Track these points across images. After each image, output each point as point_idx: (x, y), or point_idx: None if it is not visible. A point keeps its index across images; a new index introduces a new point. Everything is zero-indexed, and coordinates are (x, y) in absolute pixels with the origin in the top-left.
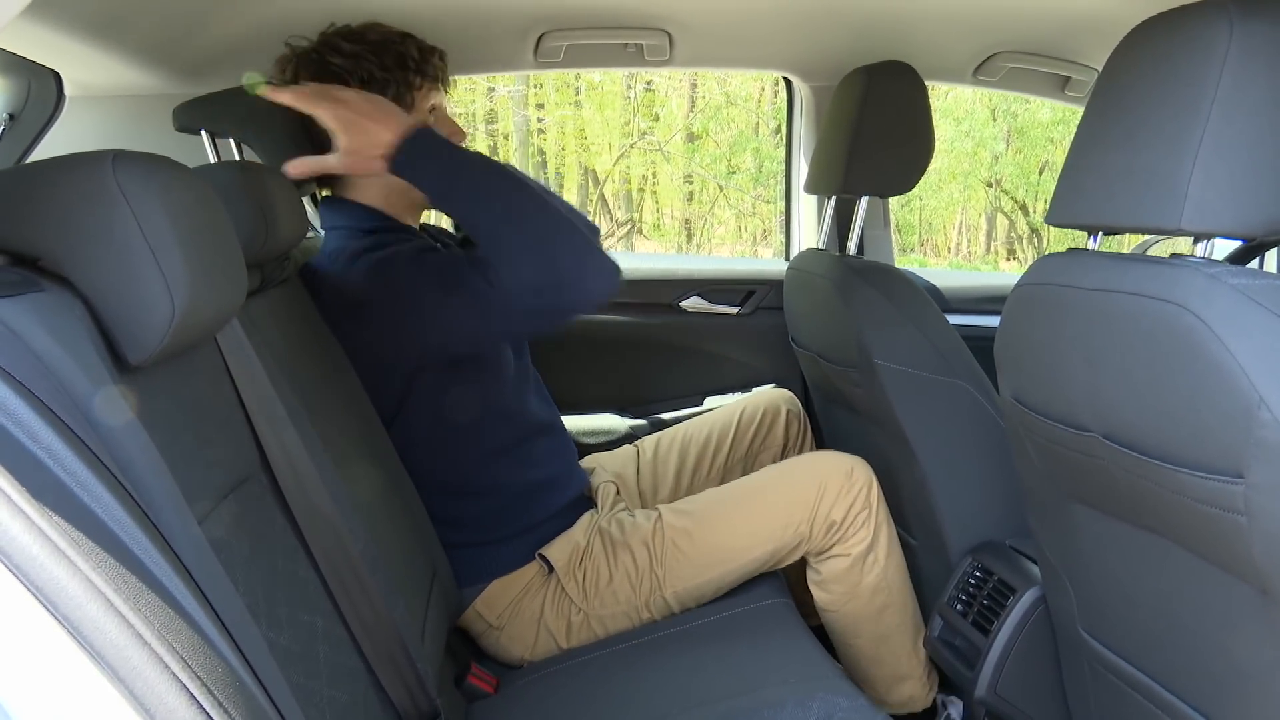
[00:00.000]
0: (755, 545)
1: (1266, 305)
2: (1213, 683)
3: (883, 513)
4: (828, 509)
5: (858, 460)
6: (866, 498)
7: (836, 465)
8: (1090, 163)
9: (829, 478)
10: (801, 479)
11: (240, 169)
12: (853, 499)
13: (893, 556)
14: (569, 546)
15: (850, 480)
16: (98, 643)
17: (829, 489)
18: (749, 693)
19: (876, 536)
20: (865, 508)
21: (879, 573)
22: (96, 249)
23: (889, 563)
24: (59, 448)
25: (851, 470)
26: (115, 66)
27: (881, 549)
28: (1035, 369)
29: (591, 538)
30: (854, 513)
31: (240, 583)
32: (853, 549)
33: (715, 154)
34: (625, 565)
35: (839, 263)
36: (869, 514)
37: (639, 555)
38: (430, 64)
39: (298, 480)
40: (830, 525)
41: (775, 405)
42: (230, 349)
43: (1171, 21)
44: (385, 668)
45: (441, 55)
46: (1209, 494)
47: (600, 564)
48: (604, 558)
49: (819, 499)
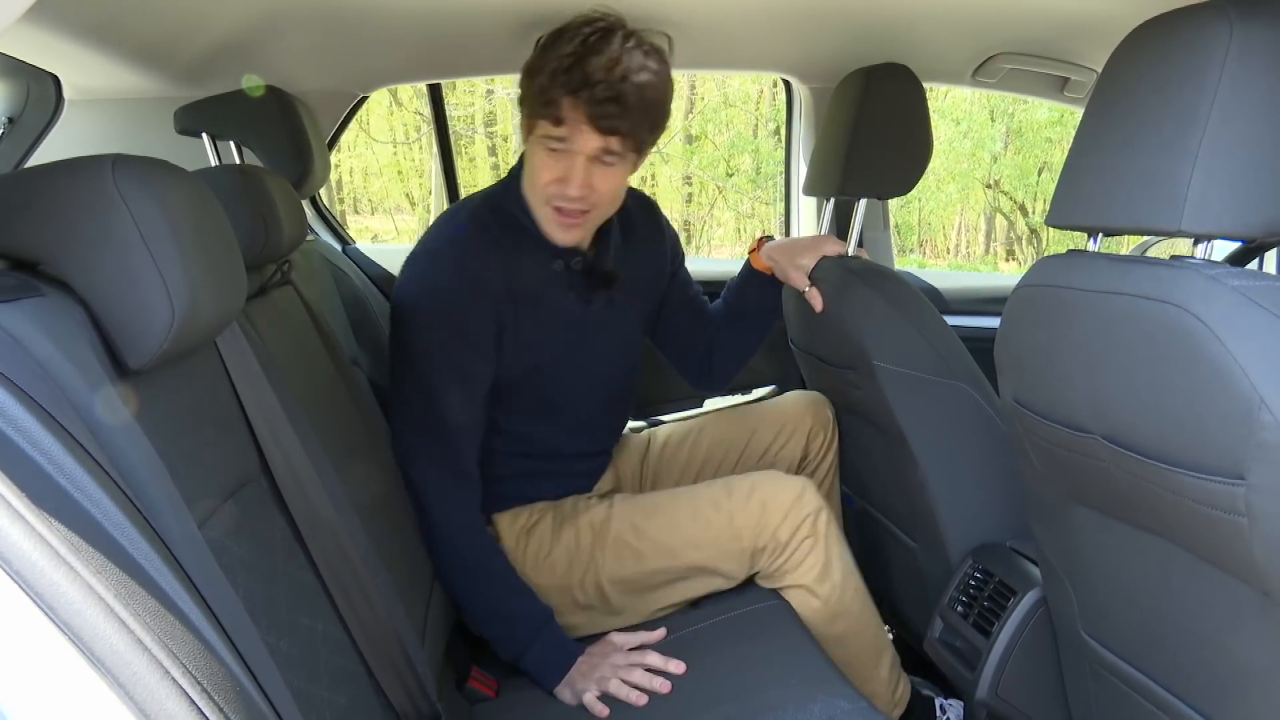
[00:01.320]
0: (694, 549)
1: (1267, 306)
2: (1214, 684)
3: (833, 537)
4: (773, 528)
5: (808, 485)
6: (814, 524)
7: (787, 486)
8: (1090, 164)
9: (776, 498)
10: (748, 494)
11: (240, 172)
12: (798, 523)
13: (849, 582)
14: (520, 516)
15: (799, 503)
16: (97, 648)
17: (775, 509)
18: (749, 696)
19: (829, 563)
20: (811, 534)
21: (836, 600)
22: (96, 253)
23: (845, 587)
24: (59, 453)
25: (801, 493)
26: (114, 69)
27: (836, 574)
28: (1036, 371)
29: (545, 511)
30: (799, 537)
31: (240, 586)
32: (805, 577)
33: (714, 156)
34: (567, 542)
35: (838, 265)
36: (815, 540)
37: (583, 536)
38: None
39: (297, 483)
40: (776, 545)
41: (802, 413)
42: (230, 352)
43: (1171, 23)
44: (385, 671)
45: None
46: (1210, 495)
47: (545, 536)
48: (549, 531)
49: (763, 517)
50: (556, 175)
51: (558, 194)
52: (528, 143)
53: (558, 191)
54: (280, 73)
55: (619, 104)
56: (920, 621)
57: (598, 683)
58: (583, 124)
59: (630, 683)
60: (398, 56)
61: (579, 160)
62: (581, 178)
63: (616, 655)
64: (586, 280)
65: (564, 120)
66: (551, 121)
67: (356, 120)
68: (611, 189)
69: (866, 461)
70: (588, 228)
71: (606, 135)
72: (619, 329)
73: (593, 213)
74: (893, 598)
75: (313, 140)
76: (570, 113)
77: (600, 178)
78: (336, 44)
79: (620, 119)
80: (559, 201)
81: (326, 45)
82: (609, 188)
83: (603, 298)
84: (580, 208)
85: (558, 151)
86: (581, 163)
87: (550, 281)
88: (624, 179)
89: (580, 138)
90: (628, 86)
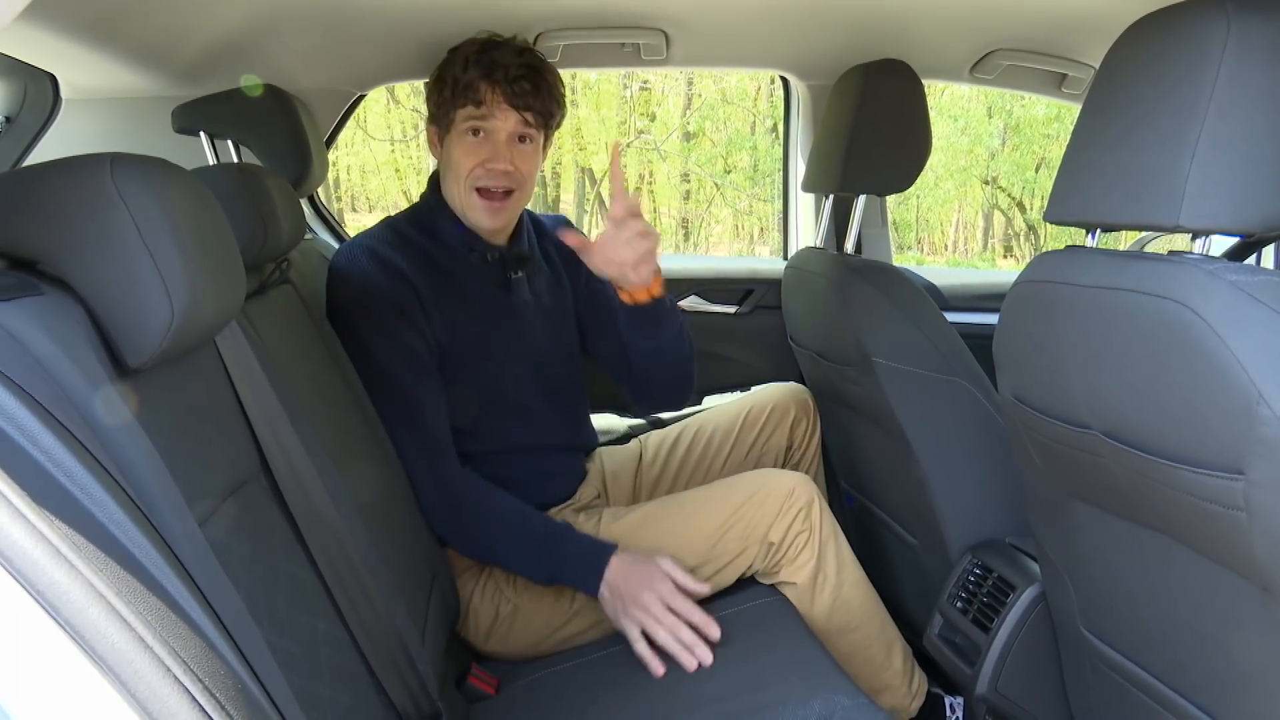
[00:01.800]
0: (689, 555)
1: (1265, 301)
2: (1213, 679)
3: (828, 531)
4: (764, 530)
5: (801, 479)
6: (807, 518)
7: (777, 484)
8: (1088, 160)
9: (767, 497)
10: (738, 497)
11: (239, 171)
12: (791, 519)
13: (846, 575)
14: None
15: (790, 499)
16: (100, 647)
17: (766, 509)
18: (749, 692)
19: (823, 557)
20: (805, 529)
21: (831, 593)
22: (95, 252)
23: (842, 581)
24: (59, 452)
25: (792, 490)
26: (112, 68)
27: (830, 569)
28: (1035, 367)
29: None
30: (793, 534)
31: (241, 585)
32: (799, 574)
33: (712, 153)
34: None
35: (837, 261)
36: (810, 535)
37: None
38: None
39: (298, 482)
40: (769, 546)
41: (784, 403)
42: (229, 351)
43: (1168, 19)
44: (386, 669)
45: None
46: (1209, 491)
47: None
48: None
49: (754, 519)
50: (481, 158)
51: (483, 175)
52: (446, 142)
53: (483, 173)
54: (278, 71)
55: (530, 81)
56: (920, 617)
57: (643, 611)
58: (501, 103)
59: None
60: (396, 55)
61: (500, 139)
62: (506, 154)
63: (662, 584)
64: (503, 265)
65: (483, 101)
66: (473, 104)
67: (354, 118)
68: (529, 170)
69: (865, 458)
70: (513, 209)
71: (523, 111)
72: (544, 316)
73: (517, 193)
74: (892, 594)
75: (311, 139)
76: (488, 94)
77: (519, 157)
78: (334, 42)
79: (534, 96)
80: (484, 182)
81: (324, 44)
82: (528, 168)
83: (522, 283)
84: (505, 185)
85: (479, 137)
86: (503, 141)
87: (467, 269)
88: (538, 161)
89: (499, 115)
90: (536, 68)
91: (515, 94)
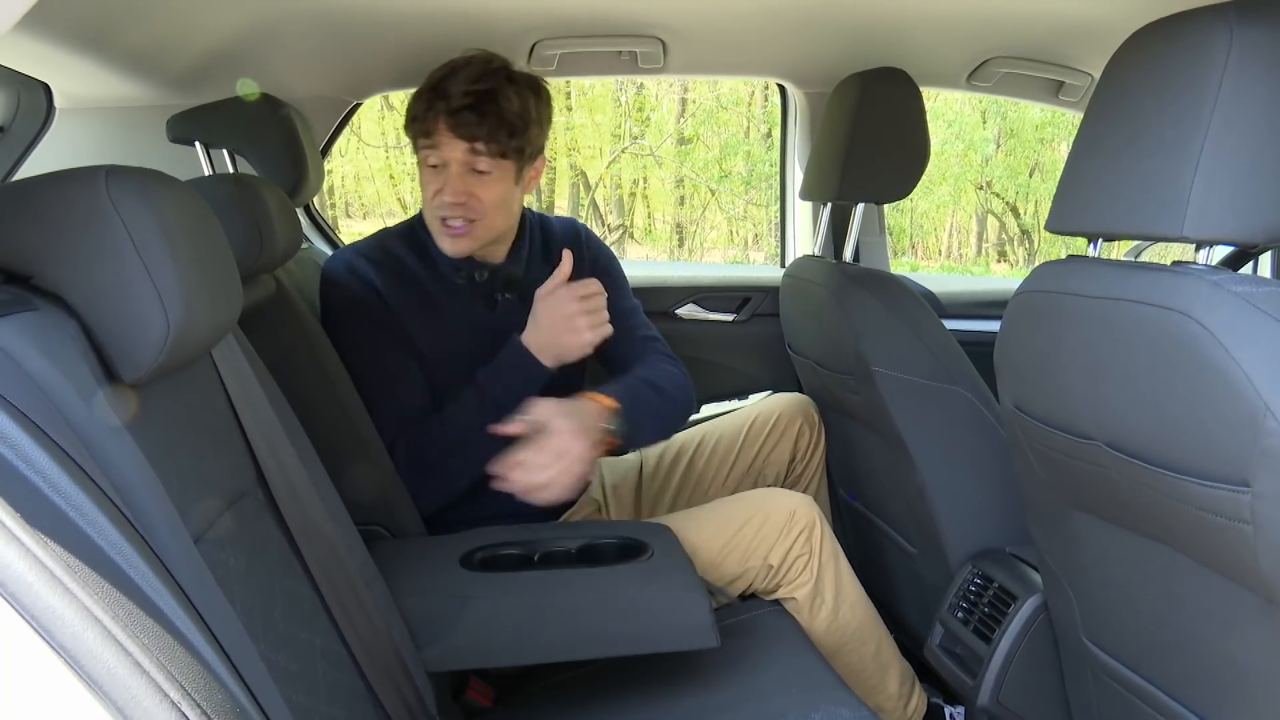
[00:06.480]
0: None
1: (1271, 313)
2: (1217, 690)
3: (828, 554)
4: (764, 552)
5: (803, 500)
6: (807, 540)
7: (779, 506)
8: (1091, 170)
9: (767, 519)
10: (739, 519)
11: (235, 181)
12: (791, 542)
13: (844, 598)
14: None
15: (791, 522)
16: (95, 672)
17: (767, 531)
18: (750, 703)
19: (821, 580)
20: (805, 552)
21: (827, 616)
22: (90, 266)
23: (839, 604)
24: (53, 470)
25: (794, 512)
26: (106, 77)
27: (828, 593)
28: (1036, 377)
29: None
30: (792, 556)
31: (237, 600)
32: (796, 592)
33: (706, 158)
34: None
35: (835, 270)
36: (809, 558)
37: None
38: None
39: (293, 495)
40: (769, 569)
41: (789, 414)
42: (225, 363)
43: (1171, 28)
44: (384, 684)
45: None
46: (1214, 503)
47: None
48: None
49: (755, 542)
50: (436, 188)
51: (439, 205)
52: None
53: (439, 203)
54: (274, 80)
55: (474, 111)
56: (920, 627)
57: (569, 320)
58: (445, 133)
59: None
60: (391, 63)
61: (452, 170)
62: (457, 187)
63: (568, 304)
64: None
65: (431, 132)
66: (423, 135)
67: (349, 125)
68: (492, 198)
69: (865, 467)
70: (476, 238)
71: (470, 141)
72: None
73: (478, 223)
74: (892, 604)
75: (307, 148)
76: (434, 124)
77: (479, 187)
78: (330, 51)
79: (477, 126)
80: (441, 213)
81: (320, 52)
82: (490, 196)
83: (510, 303)
84: (462, 215)
85: (436, 168)
86: (455, 173)
87: (451, 289)
88: (505, 189)
89: (446, 146)
90: (482, 98)
91: (458, 124)
